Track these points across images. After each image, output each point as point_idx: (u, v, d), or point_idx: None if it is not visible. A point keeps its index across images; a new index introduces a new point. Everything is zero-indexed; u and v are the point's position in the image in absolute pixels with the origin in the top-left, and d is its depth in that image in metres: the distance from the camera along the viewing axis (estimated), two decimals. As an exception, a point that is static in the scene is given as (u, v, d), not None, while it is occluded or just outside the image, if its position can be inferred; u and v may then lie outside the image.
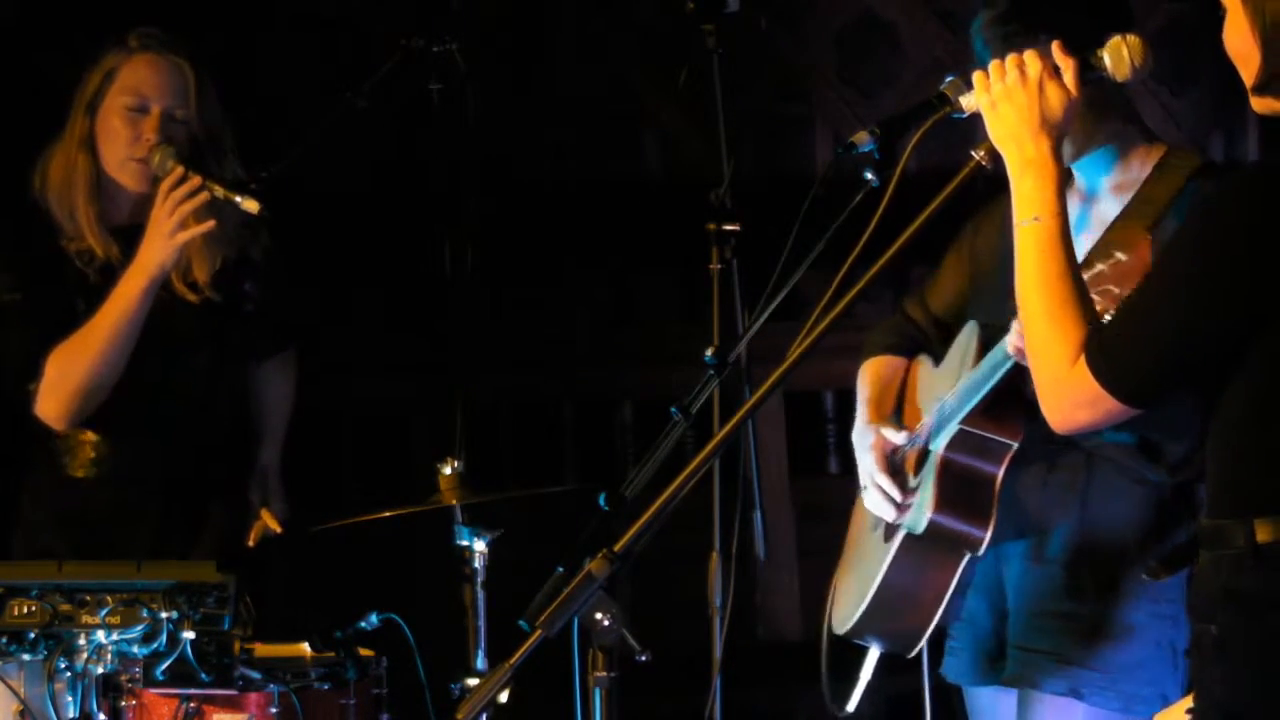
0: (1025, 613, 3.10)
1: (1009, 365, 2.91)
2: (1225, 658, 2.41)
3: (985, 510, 3.03)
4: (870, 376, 3.38)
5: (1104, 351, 2.44)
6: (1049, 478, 3.06)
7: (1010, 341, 2.88)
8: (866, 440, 3.27)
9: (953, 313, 3.30)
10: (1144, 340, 2.42)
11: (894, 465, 3.23)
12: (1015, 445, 3.01)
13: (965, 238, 3.28)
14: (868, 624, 3.20)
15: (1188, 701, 2.65)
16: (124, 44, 3.80)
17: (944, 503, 3.04)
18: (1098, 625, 3.01)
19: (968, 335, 3.14)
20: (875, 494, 3.20)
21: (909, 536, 3.10)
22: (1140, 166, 3.02)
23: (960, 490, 3.04)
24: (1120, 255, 2.58)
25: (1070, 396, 2.48)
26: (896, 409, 3.34)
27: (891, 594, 3.15)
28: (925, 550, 3.09)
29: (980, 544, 3.03)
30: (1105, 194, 3.04)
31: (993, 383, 2.96)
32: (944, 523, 3.05)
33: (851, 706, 3.25)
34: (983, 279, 3.20)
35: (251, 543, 3.93)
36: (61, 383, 3.70)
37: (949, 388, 3.12)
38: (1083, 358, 2.45)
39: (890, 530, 3.20)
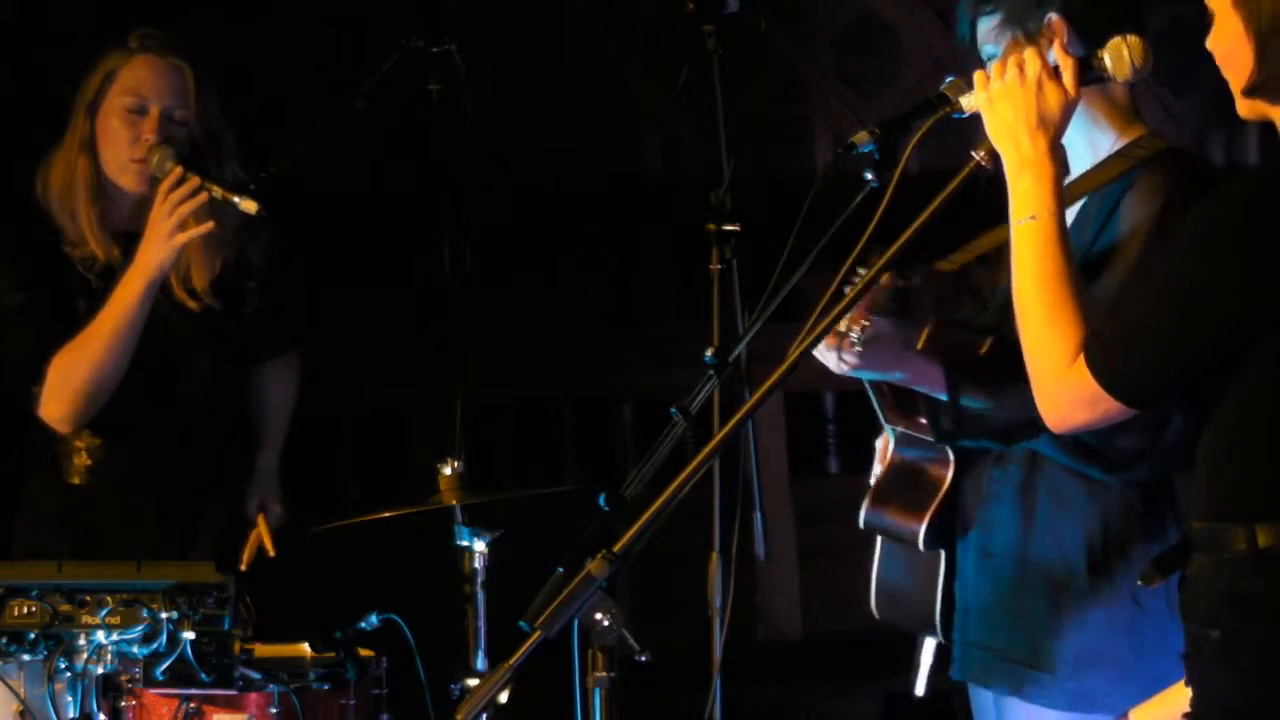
0: (975, 609, 3.08)
1: None
2: (1231, 662, 2.40)
3: (921, 506, 3.04)
4: None
5: (1105, 351, 2.44)
6: (994, 473, 3.05)
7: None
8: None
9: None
10: (1145, 340, 2.42)
11: None
12: (927, 437, 3.01)
13: None
14: (883, 610, 3.22)
15: (1166, 697, 2.65)
16: (123, 45, 3.80)
17: (876, 498, 3.09)
18: (1042, 623, 2.98)
19: None
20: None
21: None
22: (1107, 153, 3.00)
23: (898, 486, 3.07)
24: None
25: (1069, 396, 2.48)
26: None
27: (886, 583, 3.18)
28: (897, 542, 3.11)
29: (915, 539, 3.04)
30: None
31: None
32: (874, 518, 3.09)
33: (920, 689, 3.23)
34: None
35: (244, 566, 3.93)
36: (64, 385, 3.70)
37: None
38: (1082, 357, 2.45)
39: None
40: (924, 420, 3.01)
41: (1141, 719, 2.78)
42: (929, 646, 3.22)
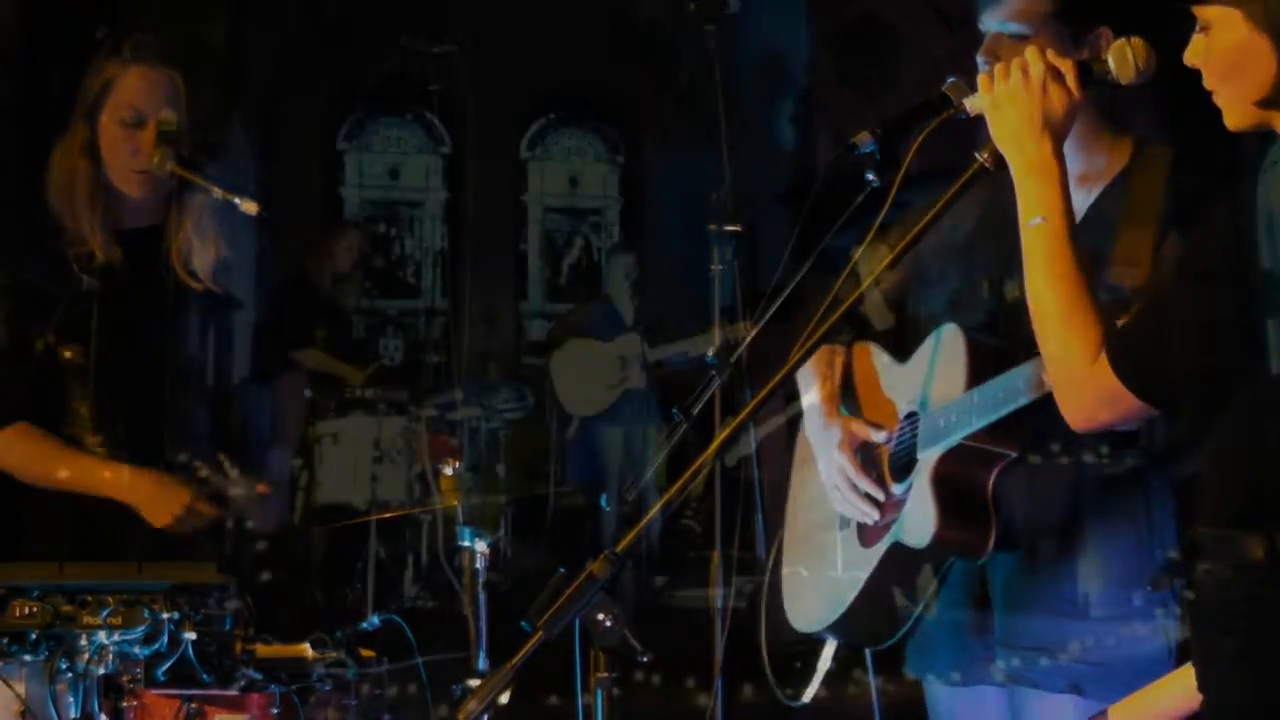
0: (1017, 610, 3.05)
1: (1024, 401, 2.83)
2: (1248, 667, 2.39)
3: (985, 518, 2.98)
4: (821, 367, 3.31)
5: (1126, 350, 2.44)
6: (1034, 473, 3.01)
7: (1031, 376, 2.80)
8: (833, 437, 3.21)
9: (897, 296, 3.23)
10: (1165, 339, 2.42)
11: (867, 462, 3.19)
12: (1014, 455, 2.97)
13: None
14: (843, 626, 3.16)
15: (1145, 694, 2.64)
16: (119, 51, 3.80)
17: (947, 517, 2.98)
18: (1092, 619, 2.96)
19: (952, 340, 3.04)
20: (852, 496, 3.16)
21: (900, 546, 3.08)
22: (1107, 157, 2.97)
23: (958, 501, 3.00)
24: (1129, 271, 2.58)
25: (1091, 395, 2.48)
26: (845, 397, 3.29)
27: (876, 598, 3.11)
28: (916, 557, 3.07)
29: (985, 552, 3.00)
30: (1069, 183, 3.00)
31: (1008, 409, 2.87)
32: (950, 536, 2.99)
33: (808, 697, 3.21)
34: (924, 266, 3.16)
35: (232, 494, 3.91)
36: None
37: (933, 391, 3.06)
38: (1104, 356, 2.45)
39: (864, 531, 3.16)
40: (1014, 437, 2.94)
41: (1121, 716, 2.77)
42: (828, 654, 3.19)
